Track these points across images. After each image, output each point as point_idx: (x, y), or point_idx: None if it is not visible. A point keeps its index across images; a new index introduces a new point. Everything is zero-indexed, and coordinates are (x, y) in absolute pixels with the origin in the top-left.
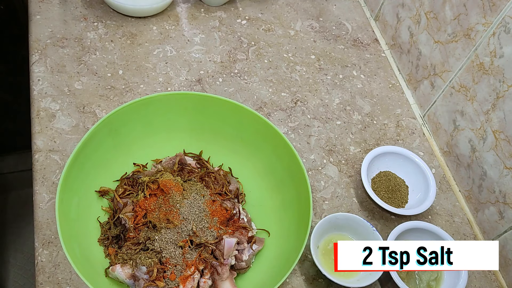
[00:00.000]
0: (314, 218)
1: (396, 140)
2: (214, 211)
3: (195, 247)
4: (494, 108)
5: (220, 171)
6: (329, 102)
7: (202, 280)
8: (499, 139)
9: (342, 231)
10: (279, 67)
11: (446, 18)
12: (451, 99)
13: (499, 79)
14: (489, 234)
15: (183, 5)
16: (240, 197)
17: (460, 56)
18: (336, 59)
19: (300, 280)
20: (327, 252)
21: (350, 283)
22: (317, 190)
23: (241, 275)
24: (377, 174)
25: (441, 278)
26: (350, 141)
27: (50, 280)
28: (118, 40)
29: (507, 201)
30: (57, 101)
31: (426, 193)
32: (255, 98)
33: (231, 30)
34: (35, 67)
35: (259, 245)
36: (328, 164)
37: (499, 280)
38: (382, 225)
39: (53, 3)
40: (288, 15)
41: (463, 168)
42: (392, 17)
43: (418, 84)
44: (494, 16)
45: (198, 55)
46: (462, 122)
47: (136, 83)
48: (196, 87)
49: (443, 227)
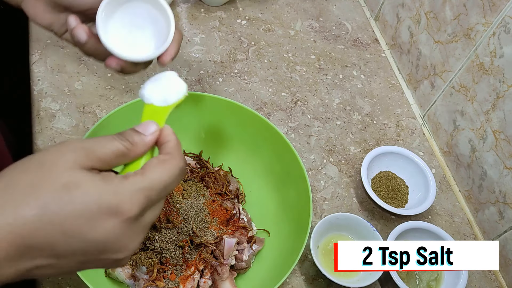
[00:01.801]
0: (314, 218)
1: (396, 140)
2: (214, 211)
3: (195, 247)
4: (494, 108)
5: (220, 171)
6: (329, 102)
7: (202, 280)
8: (499, 139)
9: (342, 231)
10: (279, 67)
11: (446, 18)
12: (451, 99)
13: (499, 79)
14: (489, 234)
15: (183, 5)
16: (240, 197)
17: (460, 56)
18: (336, 59)
19: (300, 280)
20: (327, 252)
21: (350, 283)
22: (317, 190)
23: (241, 275)
24: (377, 174)
25: (441, 278)
26: (350, 141)
27: (50, 280)
28: None
29: (507, 201)
30: (57, 101)
31: (426, 193)
32: (255, 98)
33: (231, 30)
34: (35, 67)
35: (259, 245)
36: (328, 164)
37: (499, 280)
38: (382, 225)
39: None
40: (288, 15)
41: (463, 168)
42: (392, 17)
43: (418, 84)
44: (494, 16)
45: (198, 55)
46: (462, 122)
47: (136, 83)
48: (196, 87)
49: (443, 227)
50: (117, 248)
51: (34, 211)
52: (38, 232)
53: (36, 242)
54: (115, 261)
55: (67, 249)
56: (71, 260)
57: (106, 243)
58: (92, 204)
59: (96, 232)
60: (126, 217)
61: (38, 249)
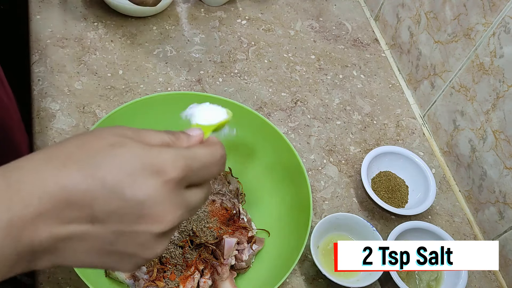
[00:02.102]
0: (314, 218)
1: (396, 140)
2: (214, 211)
3: (195, 247)
4: (494, 108)
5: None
6: (329, 102)
7: (202, 280)
8: (499, 139)
9: (342, 231)
10: (279, 67)
11: (446, 18)
12: (451, 99)
13: (499, 79)
14: (489, 234)
15: (183, 5)
16: (240, 197)
17: (460, 56)
18: (336, 59)
19: (300, 280)
20: (327, 252)
21: (350, 283)
22: (317, 190)
23: (241, 275)
24: (377, 174)
25: (441, 278)
26: (350, 141)
27: (50, 280)
28: (118, 40)
29: (507, 201)
30: (57, 101)
31: (426, 193)
32: (255, 98)
33: (231, 30)
34: (35, 67)
35: (259, 245)
36: (328, 164)
37: (499, 280)
38: (382, 225)
39: (53, 3)
40: (288, 15)
41: (463, 168)
42: (392, 17)
43: (418, 84)
44: (494, 16)
45: (198, 55)
46: (462, 122)
47: (136, 83)
48: (196, 87)
49: (443, 227)
50: (155, 215)
51: (77, 165)
52: (79, 185)
53: (76, 196)
54: (150, 238)
55: (105, 209)
56: (106, 229)
57: (144, 204)
58: (135, 160)
59: (136, 189)
60: (168, 178)
61: (76, 207)
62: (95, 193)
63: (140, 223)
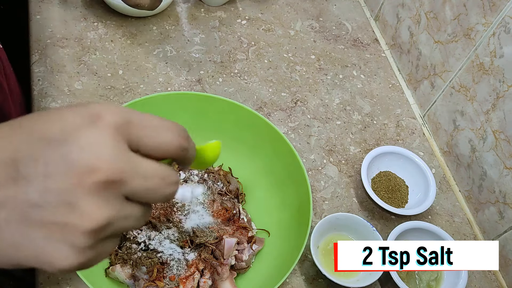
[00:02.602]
0: (314, 218)
1: (396, 140)
2: (214, 211)
3: (195, 247)
4: (494, 108)
5: (220, 171)
6: (329, 102)
7: (202, 280)
8: (499, 139)
9: (342, 231)
10: (279, 67)
11: (446, 18)
12: (451, 99)
13: (499, 79)
14: (489, 234)
15: (183, 5)
16: (240, 197)
17: (460, 56)
18: (336, 59)
19: (300, 280)
20: (327, 252)
21: (350, 283)
22: (317, 190)
23: (241, 275)
24: (377, 174)
25: (441, 278)
26: (350, 141)
27: (50, 280)
28: (118, 40)
29: (507, 201)
30: (57, 101)
31: (426, 193)
32: (255, 98)
33: (231, 30)
34: (35, 67)
35: (259, 245)
36: (328, 164)
37: (499, 280)
38: (382, 225)
39: (53, 3)
40: (288, 15)
41: (463, 168)
42: (392, 17)
43: (418, 84)
44: (494, 16)
45: (198, 55)
46: (462, 122)
47: (136, 83)
48: (196, 87)
49: (443, 227)
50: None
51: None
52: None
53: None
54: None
55: (29, 162)
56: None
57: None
58: (70, 113)
59: (66, 134)
60: (104, 123)
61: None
62: (20, 146)
63: (70, 175)
